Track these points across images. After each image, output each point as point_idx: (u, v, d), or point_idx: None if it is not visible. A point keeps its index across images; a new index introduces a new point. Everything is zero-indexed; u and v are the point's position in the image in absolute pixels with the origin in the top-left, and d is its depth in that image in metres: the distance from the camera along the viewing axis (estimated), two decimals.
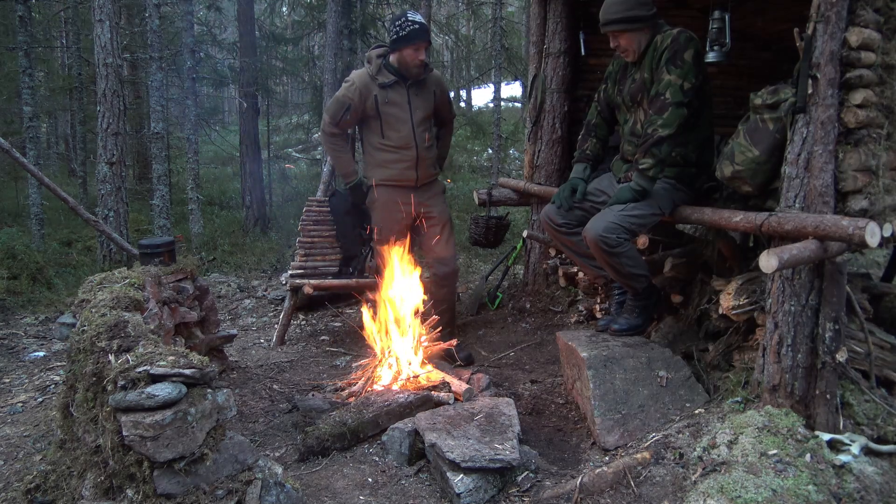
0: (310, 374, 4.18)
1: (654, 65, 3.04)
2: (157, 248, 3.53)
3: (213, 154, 17.37)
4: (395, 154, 3.93)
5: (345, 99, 3.83)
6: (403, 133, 3.89)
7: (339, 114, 3.87)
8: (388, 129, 3.89)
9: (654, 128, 2.96)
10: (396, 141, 3.90)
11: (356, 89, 3.81)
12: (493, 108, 12.46)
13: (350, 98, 3.82)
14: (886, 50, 2.56)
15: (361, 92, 3.80)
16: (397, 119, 3.87)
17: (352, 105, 3.82)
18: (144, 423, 1.96)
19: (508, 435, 2.73)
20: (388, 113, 3.84)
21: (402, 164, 3.95)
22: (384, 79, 3.82)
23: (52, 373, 4.31)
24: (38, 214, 9.03)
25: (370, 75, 3.82)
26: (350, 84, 3.84)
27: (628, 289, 3.29)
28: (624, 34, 3.09)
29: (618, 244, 2.99)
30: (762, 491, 2.10)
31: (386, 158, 3.95)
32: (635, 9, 3.03)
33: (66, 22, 13.08)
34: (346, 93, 3.83)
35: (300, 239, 5.19)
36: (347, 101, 3.83)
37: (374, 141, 3.95)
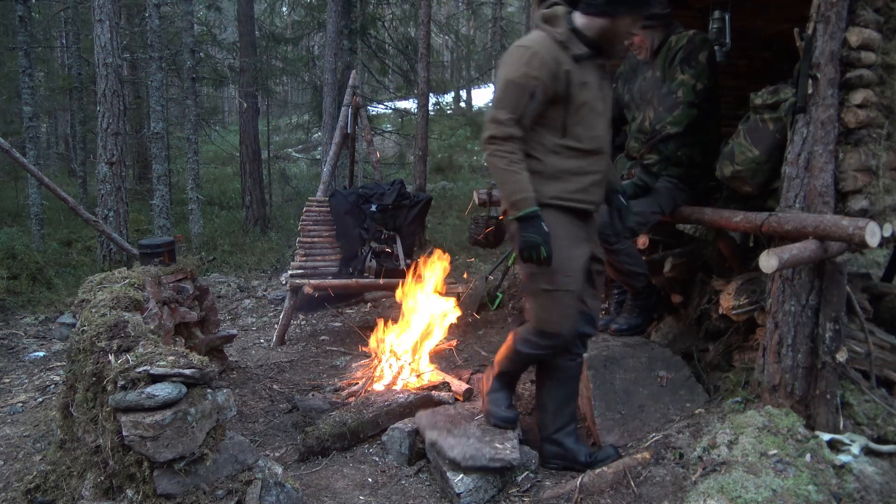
0: (310, 374, 4.18)
1: (666, 64, 3.06)
2: (157, 248, 3.53)
3: (213, 154, 17.36)
4: (582, 161, 2.50)
5: (528, 79, 2.35)
6: (598, 131, 2.53)
7: (523, 104, 2.36)
8: (575, 124, 2.46)
9: (662, 125, 2.97)
10: (587, 142, 2.49)
11: (542, 62, 2.36)
12: None
13: (536, 77, 2.35)
14: (886, 50, 2.56)
15: (550, 66, 2.37)
16: (591, 109, 2.49)
17: (539, 87, 2.35)
18: (144, 424, 1.96)
19: (508, 434, 2.73)
20: (580, 99, 2.45)
21: (590, 178, 2.52)
22: (577, 49, 2.44)
23: (52, 373, 4.31)
24: (38, 214, 9.03)
25: (557, 41, 2.43)
26: (531, 54, 2.38)
27: (627, 288, 3.29)
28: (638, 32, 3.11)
29: (617, 241, 2.99)
30: (762, 491, 2.10)
31: (567, 167, 2.48)
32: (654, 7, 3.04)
33: (66, 22, 13.08)
34: (527, 70, 2.36)
35: (300, 239, 5.19)
36: (533, 83, 2.35)
37: (547, 139, 2.48)
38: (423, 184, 8.01)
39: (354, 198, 5.27)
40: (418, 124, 8.11)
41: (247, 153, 11.11)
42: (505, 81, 2.41)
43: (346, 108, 5.89)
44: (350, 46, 10.20)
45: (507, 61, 2.46)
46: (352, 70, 6.89)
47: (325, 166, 5.98)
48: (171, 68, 11.73)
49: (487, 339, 4.59)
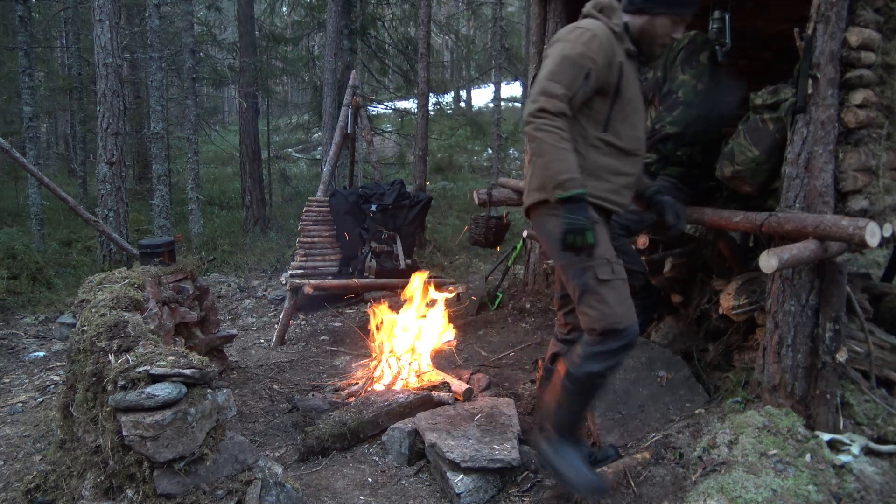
0: (310, 374, 4.18)
1: (668, 64, 3.06)
2: (157, 248, 3.54)
3: (213, 154, 17.37)
4: (619, 160, 2.38)
5: (585, 59, 2.23)
6: (638, 132, 2.44)
7: (578, 83, 2.22)
8: (619, 120, 2.36)
9: (662, 124, 2.97)
10: (627, 141, 2.39)
11: (601, 46, 2.26)
12: (493, 108, 12.47)
13: (593, 59, 2.24)
14: (886, 50, 2.56)
15: (607, 53, 2.27)
16: (635, 109, 2.41)
17: (594, 71, 2.24)
18: (144, 424, 1.96)
19: (508, 435, 2.73)
20: (627, 95, 2.36)
21: (624, 180, 2.41)
22: (628, 44, 2.39)
23: (52, 373, 4.31)
24: (38, 214, 9.03)
25: (614, 31, 2.34)
26: (591, 36, 2.27)
27: None
28: None
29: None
30: (762, 491, 2.10)
31: (604, 164, 2.36)
32: None
33: (66, 22, 13.08)
34: (585, 49, 2.23)
35: (300, 239, 5.19)
36: (589, 65, 2.23)
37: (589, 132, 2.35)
38: (423, 184, 8.02)
39: (354, 198, 5.28)
40: (418, 124, 8.11)
41: (247, 153, 11.12)
42: (561, 57, 2.22)
43: (346, 108, 5.90)
44: (350, 46, 10.20)
45: (563, 38, 2.29)
46: (352, 70, 6.89)
47: (325, 166, 5.99)
48: (171, 68, 11.73)
49: (487, 339, 4.59)
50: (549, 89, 2.20)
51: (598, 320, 2.24)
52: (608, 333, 2.24)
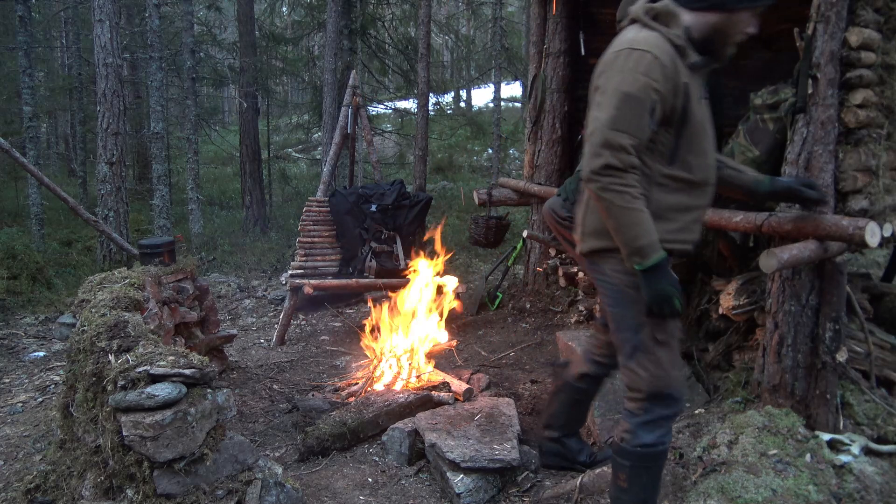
0: (310, 374, 4.18)
1: None
2: (157, 248, 3.54)
3: (213, 154, 17.37)
4: (688, 195, 2.03)
5: (648, 92, 1.84)
6: (709, 158, 2.06)
7: (644, 124, 1.85)
8: (688, 150, 1.99)
9: None
10: (697, 172, 2.02)
11: (663, 71, 1.86)
12: (493, 108, 12.48)
13: (657, 90, 1.85)
14: (886, 50, 2.56)
15: (671, 76, 1.88)
16: (703, 132, 2.03)
17: (658, 103, 1.87)
18: (144, 424, 1.96)
19: (508, 435, 2.73)
20: (694, 120, 1.98)
21: (693, 215, 2.07)
22: (693, 56, 1.97)
23: (52, 373, 4.31)
24: (38, 214, 9.03)
25: (675, 45, 1.92)
26: (651, 60, 1.85)
27: None
28: None
29: None
30: (762, 491, 2.10)
31: (671, 203, 2.01)
32: None
33: (66, 22, 13.08)
34: (647, 80, 1.84)
35: (300, 239, 5.19)
36: (653, 98, 1.85)
37: (652, 168, 1.97)
38: (423, 184, 8.02)
39: (354, 198, 5.28)
40: (418, 124, 8.12)
41: (247, 153, 11.12)
42: (621, 95, 1.83)
43: (346, 108, 5.90)
44: (350, 46, 10.20)
45: (618, 66, 1.87)
46: (352, 70, 6.89)
47: (325, 166, 5.99)
48: (171, 68, 11.73)
49: (487, 339, 4.60)
50: (614, 140, 1.81)
51: (648, 382, 1.99)
52: (656, 398, 2.00)
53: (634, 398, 2.02)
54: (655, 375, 1.98)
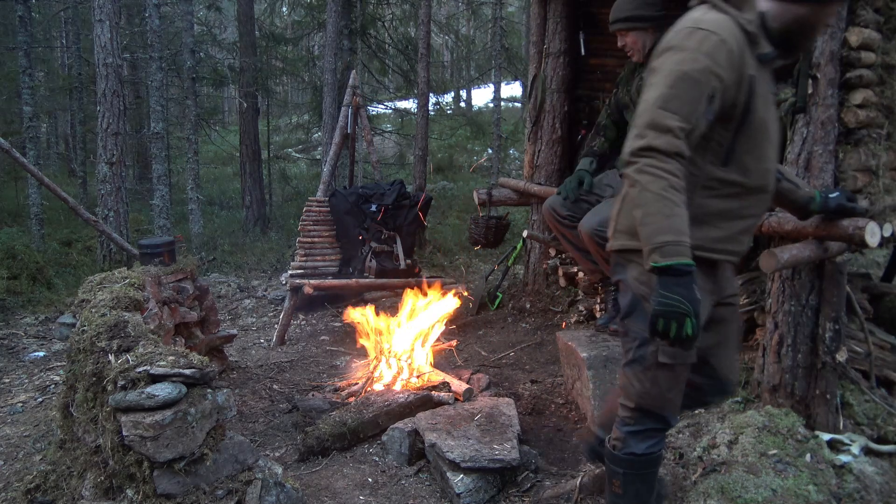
0: (310, 374, 4.18)
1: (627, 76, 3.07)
2: (157, 248, 3.54)
3: (213, 154, 17.37)
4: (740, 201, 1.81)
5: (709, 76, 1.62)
6: (769, 162, 1.84)
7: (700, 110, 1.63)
8: (746, 151, 1.76)
9: None
10: (754, 176, 1.80)
11: (730, 56, 1.65)
12: (493, 108, 12.48)
13: (719, 76, 1.63)
14: (886, 50, 2.56)
15: (737, 64, 1.66)
16: (766, 132, 1.80)
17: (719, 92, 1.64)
18: (144, 424, 1.96)
19: (508, 435, 2.73)
20: (758, 118, 1.75)
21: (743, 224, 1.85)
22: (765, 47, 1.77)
23: (52, 373, 4.31)
24: (38, 214, 9.03)
25: (746, 30, 1.70)
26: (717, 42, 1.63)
27: None
28: (629, 33, 3.11)
29: None
30: (762, 491, 2.10)
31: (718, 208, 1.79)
32: (640, 8, 3.06)
33: (66, 22, 13.09)
34: (710, 63, 1.62)
35: (300, 239, 5.19)
36: (714, 84, 1.63)
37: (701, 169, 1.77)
38: (423, 184, 8.02)
39: (354, 198, 5.28)
40: (418, 124, 8.12)
41: (247, 153, 11.12)
42: (677, 73, 1.61)
43: (346, 108, 5.90)
44: (350, 46, 10.20)
45: (678, 44, 1.66)
46: (352, 70, 6.89)
47: (325, 166, 5.99)
48: (171, 68, 11.72)
49: (487, 339, 4.59)
50: (661, 121, 1.60)
51: (638, 396, 1.86)
52: (645, 413, 1.88)
53: (625, 406, 1.91)
54: (648, 393, 1.84)
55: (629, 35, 3.12)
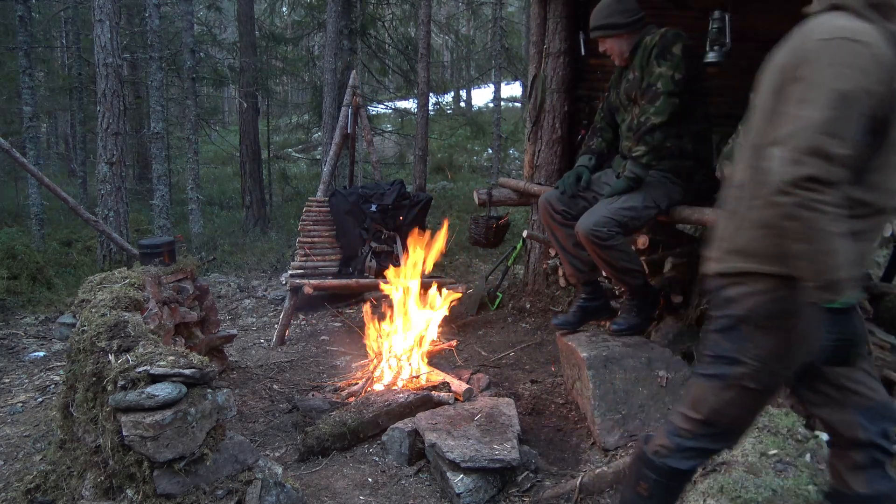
0: (310, 374, 4.18)
1: (643, 63, 3.12)
2: (157, 248, 3.54)
3: (213, 154, 17.37)
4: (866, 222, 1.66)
5: (863, 94, 1.49)
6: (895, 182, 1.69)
7: (858, 131, 1.50)
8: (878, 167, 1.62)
9: (646, 116, 3.01)
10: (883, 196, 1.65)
11: (880, 69, 1.51)
12: (493, 108, 12.48)
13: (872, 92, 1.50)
14: None
15: (884, 78, 1.52)
16: None
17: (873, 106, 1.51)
18: (144, 424, 1.96)
19: (508, 435, 2.73)
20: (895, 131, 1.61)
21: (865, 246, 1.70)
22: None
23: (52, 373, 4.31)
24: (38, 214, 9.04)
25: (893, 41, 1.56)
26: (871, 57, 1.51)
27: (625, 287, 3.27)
28: (606, 39, 3.22)
29: (609, 237, 3.00)
30: (762, 491, 2.10)
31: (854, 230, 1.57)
32: (613, 16, 3.16)
33: (66, 22, 13.09)
34: (864, 80, 1.49)
35: (300, 239, 5.20)
36: (865, 101, 1.50)
37: None
38: (423, 184, 8.02)
39: (354, 198, 5.28)
40: (418, 124, 8.12)
41: (247, 153, 11.12)
42: (837, 94, 1.47)
43: (346, 108, 5.90)
44: (350, 46, 10.20)
45: (828, 57, 1.52)
46: (352, 70, 6.89)
47: (325, 166, 5.99)
48: (171, 68, 11.73)
49: (487, 339, 4.60)
50: (825, 148, 1.44)
51: (711, 411, 1.73)
52: (710, 427, 1.75)
53: (689, 417, 1.77)
54: (723, 411, 1.73)
55: (607, 41, 3.23)
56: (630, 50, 3.19)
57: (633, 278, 3.19)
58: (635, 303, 3.30)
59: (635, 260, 3.18)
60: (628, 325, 3.29)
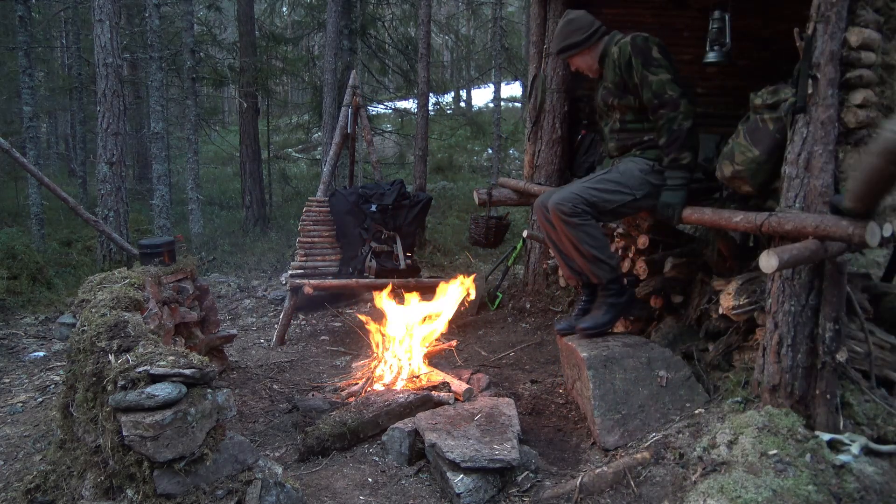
0: (310, 374, 4.18)
1: (617, 71, 3.14)
2: (157, 248, 3.54)
3: (213, 154, 17.37)
4: None
5: None
6: None
7: None
8: None
9: (678, 123, 3.00)
10: None
11: None
12: (493, 108, 12.48)
13: None
14: (886, 50, 2.56)
15: None
16: None
17: None
18: (144, 424, 1.96)
19: (508, 435, 2.73)
20: None
21: None
22: None
23: (52, 373, 4.31)
24: (38, 214, 9.03)
25: None
26: None
27: (594, 279, 3.23)
28: (574, 58, 3.32)
29: (574, 213, 3.00)
30: (762, 491, 2.10)
31: None
32: (570, 37, 3.24)
33: (66, 22, 13.09)
34: None
35: (300, 239, 5.19)
36: None
37: None
38: (423, 184, 8.02)
39: (354, 198, 5.28)
40: (418, 124, 8.12)
41: (247, 153, 11.12)
42: None
43: (346, 108, 5.90)
44: (350, 46, 10.20)
45: None
46: (352, 70, 6.89)
47: (325, 166, 5.99)
48: (171, 68, 11.73)
49: (487, 339, 4.60)
50: None
51: None
52: None
53: None
54: None
55: (575, 59, 3.32)
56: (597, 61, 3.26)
57: (602, 270, 3.16)
58: (606, 300, 3.27)
59: (607, 251, 3.16)
60: (595, 324, 3.25)
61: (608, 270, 3.17)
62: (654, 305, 3.77)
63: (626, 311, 3.41)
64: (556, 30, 3.34)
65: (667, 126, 3.02)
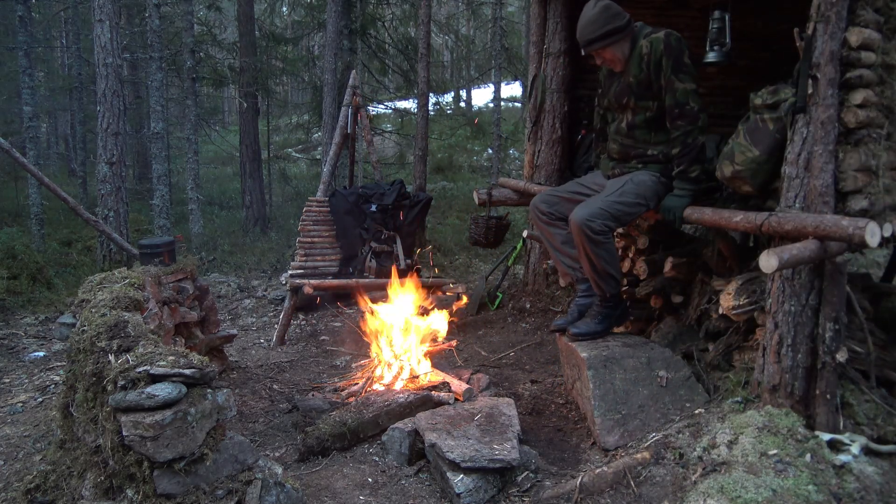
0: (310, 374, 4.18)
1: (643, 67, 3.05)
2: (157, 248, 3.54)
3: (213, 154, 17.37)
4: None
5: None
6: None
7: None
8: None
9: (693, 137, 2.99)
10: None
11: None
12: (493, 108, 12.47)
13: None
14: (886, 50, 2.56)
15: None
16: None
17: None
18: (144, 423, 1.96)
19: (508, 435, 2.73)
20: None
21: None
22: None
23: (52, 373, 4.31)
24: (38, 214, 9.03)
25: None
26: None
27: (598, 291, 3.23)
28: (607, 49, 3.10)
29: (601, 231, 2.99)
30: (762, 491, 2.10)
31: None
32: (612, 22, 3.03)
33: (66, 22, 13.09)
34: None
35: (300, 239, 5.19)
36: None
37: None
38: (423, 184, 8.01)
39: (354, 198, 5.28)
40: (418, 124, 8.10)
41: (247, 153, 11.12)
42: None
43: (346, 108, 5.90)
44: (350, 46, 10.20)
45: None
46: (352, 70, 6.89)
47: (325, 166, 5.99)
48: (171, 68, 11.73)
49: (487, 339, 4.60)
50: None
51: None
52: None
53: None
54: None
55: (607, 51, 3.10)
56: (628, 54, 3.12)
57: (609, 285, 3.17)
58: (604, 311, 3.28)
59: (617, 267, 3.17)
60: (589, 331, 3.25)
61: (615, 286, 3.18)
62: (654, 305, 3.77)
63: (619, 322, 3.42)
64: (588, 18, 3.06)
65: (682, 139, 3.01)
